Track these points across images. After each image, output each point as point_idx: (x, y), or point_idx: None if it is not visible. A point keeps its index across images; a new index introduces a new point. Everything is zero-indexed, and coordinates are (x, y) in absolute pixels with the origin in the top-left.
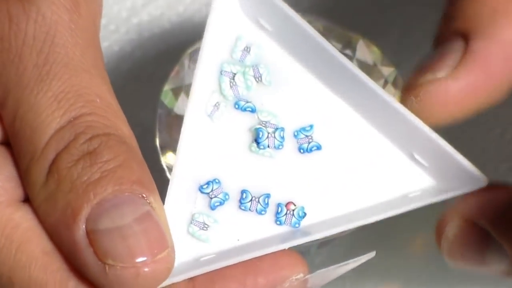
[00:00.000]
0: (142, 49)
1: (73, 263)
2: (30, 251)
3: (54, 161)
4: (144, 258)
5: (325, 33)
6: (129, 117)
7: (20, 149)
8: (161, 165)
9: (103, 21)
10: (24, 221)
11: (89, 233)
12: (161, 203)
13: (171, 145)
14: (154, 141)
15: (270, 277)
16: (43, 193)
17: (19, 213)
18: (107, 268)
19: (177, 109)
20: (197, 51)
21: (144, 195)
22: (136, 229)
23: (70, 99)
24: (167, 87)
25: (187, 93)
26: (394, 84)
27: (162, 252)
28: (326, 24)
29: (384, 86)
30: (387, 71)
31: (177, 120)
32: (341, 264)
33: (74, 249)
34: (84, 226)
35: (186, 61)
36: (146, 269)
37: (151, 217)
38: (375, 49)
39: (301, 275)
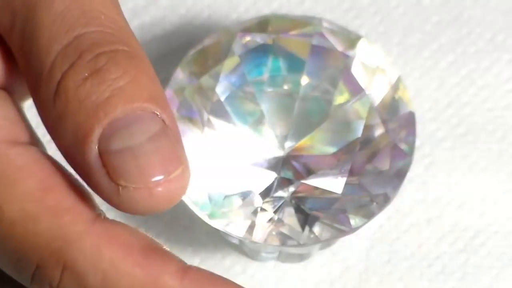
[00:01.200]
0: (144, 51)
1: (88, 184)
2: (25, 187)
3: (60, 81)
4: (157, 178)
5: (328, 34)
6: None
7: (28, 71)
8: None
9: None
10: (19, 158)
11: (101, 154)
12: (174, 119)
13: None
14: None
15: None
16: (53, 114)
17: (15, 150)
18: (120, 189)
19: (179, 111)
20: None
21: (157, 112)
22: (148, 148)
23: (74, 16)
24: (169, 89)
25: (189, 95)
26: (397, 84)
27: (175, 170)
28: (329, 25)
29: (386, 87)
30: (390, 72)
31: (180, 123)
32: None
33: (87, 171)
34: (96, 147)
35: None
36: (159, 189)
37: (164, 135)
38: (377, 50)
39: None
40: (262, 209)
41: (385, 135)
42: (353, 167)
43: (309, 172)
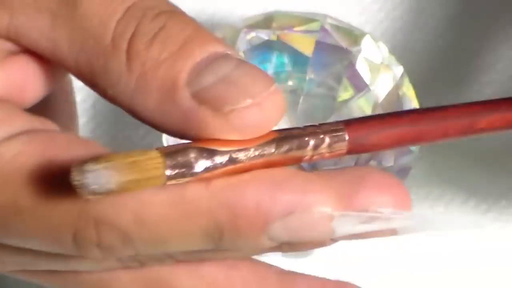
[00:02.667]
0: None
1: (190, 132)
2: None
3: (129, 48)
4: (261, 92)
5: (332, 30)
6: (133, 118)
7: (89, 56)
8: None
9: None
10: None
11: (196, 95)
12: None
13: (177, 143)
14: (160, 140)
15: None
16: (131, 82)
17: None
18: (229, 115)
19: None
20: None
21: (229, 52)
22: (240, 73)
23: None
24: None
25: None
26: (401, 80)
27: (272, 84)
28: (333, 21)
29: (391, 83)
30: (394, 68)
31: None
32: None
33: (187, 115)
34: (188, 91)
35: None
36: (267, 100)
37: (246, 63)
38: (382, 46)
39: (388, 210)
40: None
41: None
42: (357, 164)
43: (313, 168)
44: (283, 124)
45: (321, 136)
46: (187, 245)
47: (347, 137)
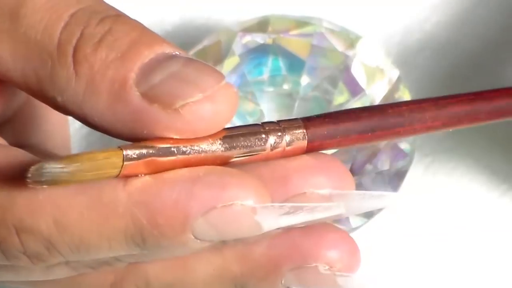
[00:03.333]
0: None
1: (141, 131)
2: None
3: (75, 53)
4: (212, 86)
5: (328, 34)
6: None
7: (35, 66)
8: None
9: None
10: None
11: (146, 94)
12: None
13: None
14: None
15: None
16: (80, 87)
17: None
18: (181, 111)
19: None
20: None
21: (178, 52)
22: (189, 69)
23: (61, 2)
24: None
25: None
26: (397, 84)
27: (223, 79)
28: (329, 25)
29: (386, 87)
30: (390, 72)
31: None
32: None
33: (138, 115)
34: (137, 91)
35: None
36: (219, 94)
37: (195, 60)
38: (377, 50)
39: (325, 191)
40: None
41: None
42: (353, 167)
43: None
44: None
45: (279, 133)
46: (112, 249)
47: (306, 134)
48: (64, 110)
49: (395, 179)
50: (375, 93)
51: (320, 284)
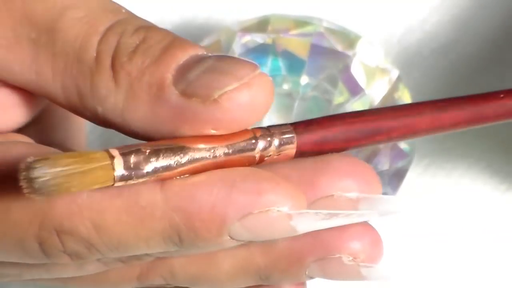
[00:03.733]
0: None
1: (183, 129)
2: None
3: (113, 64)
4: (248, 74)
5: (327, 34)
6: None
7: (74, 79)
8: None
9: None
10: None
11: (184, 90)
12: None
13: None
14: None
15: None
16: (120, 95)
17: None
18: (219, 100)
19: None
20: None
21: (210, 54)
22: (223, 62)
23: (97, 15)
24: None
25: None
26: (396, 84)
27: (257, 68)
28: (328, 26)
29: (386, 86)
30: (390, 72)
31: None
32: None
33: (179, 114)
34: (175, 90)
35: None
36: (256, 81)
37: (227, 56)
38: (377, 49)
39: (353, 194)
40: None
41: None
42: None
43: None
44: None
45: (269, 138)
46: (150, 248)
47: (295, 139)
48: (104, 121)
49: (394, 179)
50: (374, 93)
51: (344, 275)
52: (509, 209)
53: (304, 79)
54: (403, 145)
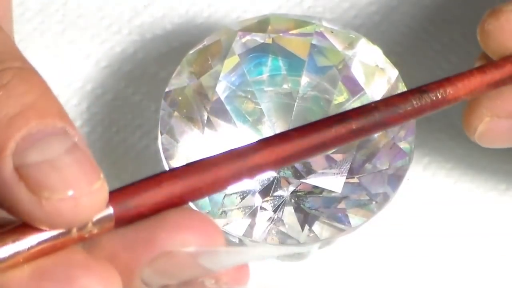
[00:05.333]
0: (144, 50)
1: (3, 204)
2: None
3: None
4: (82, 189)
5: (327, 34)
6: (130, 119)
7: None
8: (162, 167)
9: (106, 22)
10: None
11: (18, 169)
12: (82, 137)
13: (173, 147)
14: (156, 143)
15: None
16: None
17: None
18: (43, 201)
19: (179, 111)
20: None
21: (68, 130)
22: (68, 160)
23: None
24: (169, 89)
25: (190, 95)
26: (396, 84)
27: (97, 181)
28: (328, 25)
29: (385, 86)
30: (389, 72)
31: (180, 122)
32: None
33: (4, 188)
34: (11, 162)
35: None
36: (85, 199)
37: (79, 149)
38: (377, 49)
39: (191, 248)
40: (262, 208)
41: (385, 134)
42: (352, 166)
43: (309, 171)
44: (279, 128)
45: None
46: None
47: (112, 211)
48: None
49: (394, 178)
50: (374, 92)
51: None
52: (508, 209)
53: (304, 79)
54: (403, 144)
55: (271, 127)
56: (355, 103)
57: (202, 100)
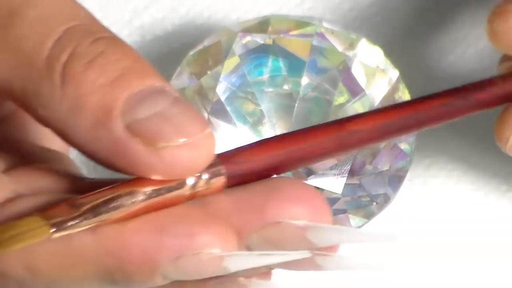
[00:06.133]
0: (144, 51)
1: (118, 163)
2: None
3: (64, 71)
4: (196, 133)
5: (328, 34)
6: None
7: (22, 76)
8: None
9: (106, 23)
10: None
11: (129, 126)
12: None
13: None
14: None
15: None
16: (64, 104)
17: None
18: (161, 151)
19: None
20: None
21: (166, 88)
22: (176, 111)
23: (54, 15)
24: None
25: (190, 95)
26: (396, 84)
27: (207, 127)
28: (329, 25)
29: (386, 87)
30: (390, 72)
31: None
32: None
33: (118, 147)
34: (122, 121)
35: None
36: (199, 143)
37: (183, 101)
38: (377, 50)
39: (302, 222)
40: None
41: None
42: (353, 168)
43: (309, 172)
44: (279, 129)
45: (198, 174)
46: (85, 286)
47: (224, 171)
48: (45, 123)
49: (395, 179)
50: (375, 93)
51: (301, 265)
52: (509, 210)
53: (305, 80)
54: (403, 145)
55: (271, 128)
56: (356, 104)
57: (203, 101)
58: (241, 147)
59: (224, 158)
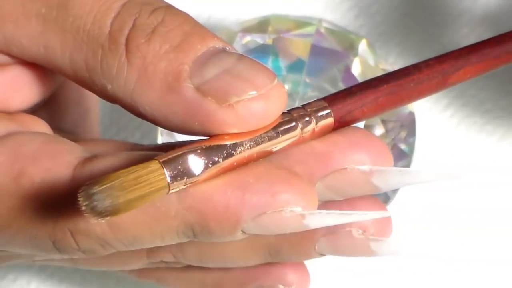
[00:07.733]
0: None
1: (192, 123)
2: None
3: (127, 43)
4: (266, 84)
5: (328, 34)
6: (130, 120)
7: (84, 55)
8: None
9: None
10: None
11: (199, 87)
12: None
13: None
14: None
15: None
16: (132, 76)
17: None
18: (235, 106)
19: None
20: None
21: (228, 48)
22: (243, 66)
23: None
24: None
25: None
26: None
27: (275, 77)
28: (329, 25)
29: None
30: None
31: None
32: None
33: (191, 109)
34: (191, 84)
35: None
36: (271, 93)
37: (247, 57)
38: (377, 50)
39: (366, 167)
40: None
41: (385, 135)
42: None
43: None
44: None
45: (307, 118)
46: (164, 242)
47: (332, 114)
48: (113, 98)
49: None
50: None
51: (353, 250)
52: (510, 211)
53: (305, 80)
54: (403, 145)
55: None
56: None
57: None
58: (347, 89)
59: (331, 100)
